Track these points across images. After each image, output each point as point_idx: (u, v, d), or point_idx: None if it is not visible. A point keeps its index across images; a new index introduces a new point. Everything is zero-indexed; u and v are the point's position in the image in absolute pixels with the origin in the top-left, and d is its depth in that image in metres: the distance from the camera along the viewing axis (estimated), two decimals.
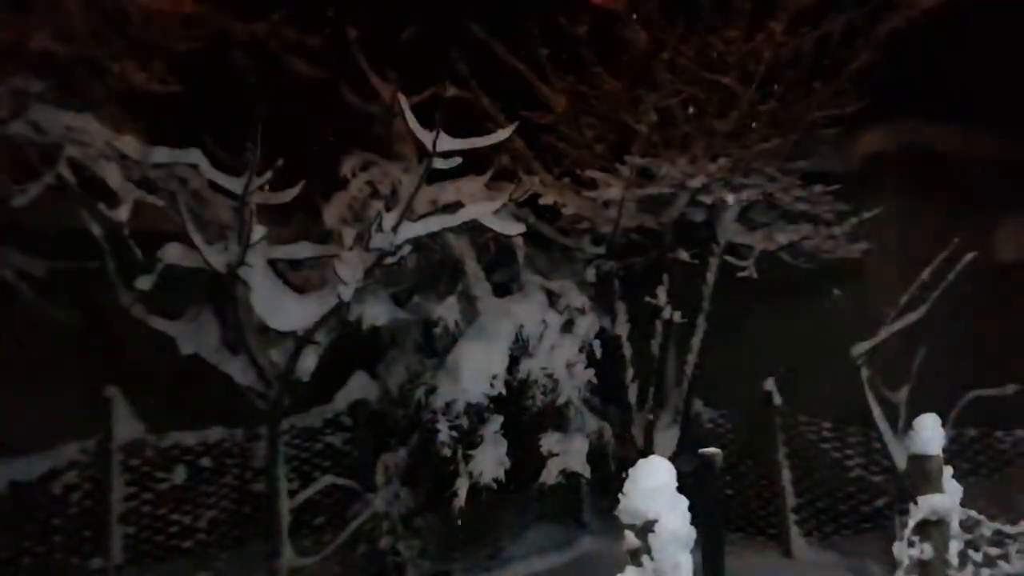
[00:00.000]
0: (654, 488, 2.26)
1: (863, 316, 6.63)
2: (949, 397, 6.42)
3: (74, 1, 5.08)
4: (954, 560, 3.25)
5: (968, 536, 3.47)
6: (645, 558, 2.23)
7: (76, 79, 5.19)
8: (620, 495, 2.32)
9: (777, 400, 6.72)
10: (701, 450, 3.27)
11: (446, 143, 4.94)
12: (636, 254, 6.90)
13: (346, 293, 5.05)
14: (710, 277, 6.63)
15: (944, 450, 6.19)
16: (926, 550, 3.20)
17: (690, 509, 2.32)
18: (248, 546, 6.13)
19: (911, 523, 3.17)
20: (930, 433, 3.31)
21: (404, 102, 5.04)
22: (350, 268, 5.21)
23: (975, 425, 6.49)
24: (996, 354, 6.99)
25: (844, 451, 6.66)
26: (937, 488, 3.24)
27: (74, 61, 5.16)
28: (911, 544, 3.18)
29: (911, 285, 6.20)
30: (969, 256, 6.11)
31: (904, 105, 6.76)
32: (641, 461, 2.34)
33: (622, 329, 6.85)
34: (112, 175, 4.74)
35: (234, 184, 5.00)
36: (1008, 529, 3.75)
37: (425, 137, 4.90)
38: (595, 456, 6.46)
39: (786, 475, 6.71)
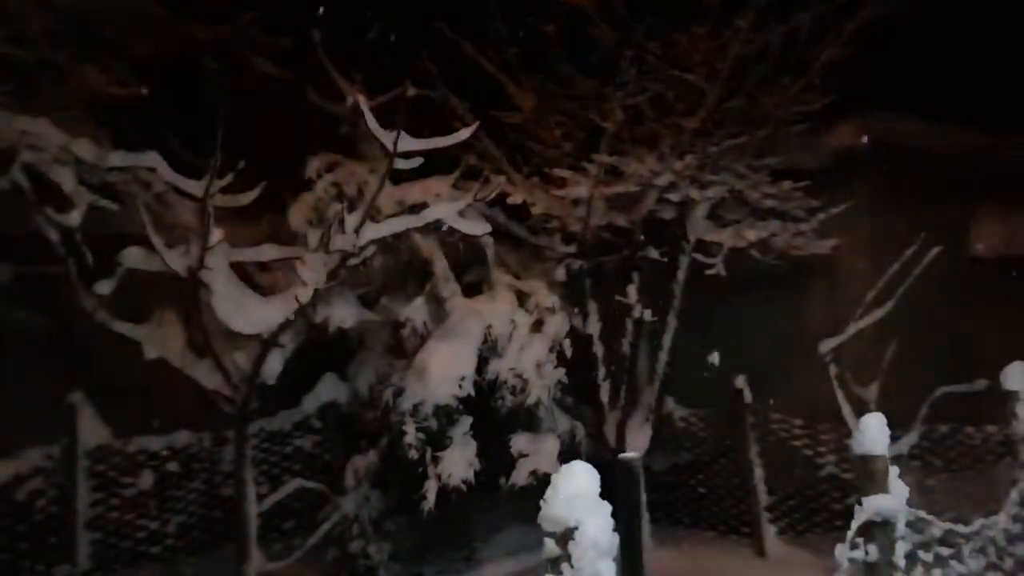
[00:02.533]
0: (575, 495, 2.23)
1: (834, 312, 6.61)
2: (921, 393, 6.42)
3: (30, 4, 5.05)
4: (901, 562, 3.22)
5: (919, 536, 3.45)
6: (565, 566, 2.21)
7: (34, 83, 5.15)
8: (541, 501, 2.29)
9: (748, 398, 6.70)
10: (620, 455, 3.24)
11: (408, 143, 4.92)
12: (606, 252, 6.84)
13: (304, 295, 5.01)
14: (680, 275, 6.57)
15: (914, 447, 6.25)
16: (871, 552, 3.18)
17: (614, 515, 2.29)
18: (217, 551, 6.10)
19: (854, 525, 3.15)
20: (874, 433, 3.28)
21: (364, 103, 5.01)
22: (312, 270, 5.17)
23: (947, 421, 6.48)
24: (969, 350, 6.97)
25: (816, 448, 6.66)
26: (882, 489, 3.22)
27: (31, 65, 5.12)
28: (854, 546, 3.15)
29: (880, 281, 6.19)
30: (935, 251, 6.09)
31: (874, 99, 6.75)
32: (563, 467, 2.31)
33: (593, 328, 6.79)
34: (66, 179, 4.70)
35: (193, 187, 4.95)
36: (960, 529, 3.73)
37: (386, 138, 4.88)
38: (568, 456, 6.40)
39: (758, 473, 6.70)
